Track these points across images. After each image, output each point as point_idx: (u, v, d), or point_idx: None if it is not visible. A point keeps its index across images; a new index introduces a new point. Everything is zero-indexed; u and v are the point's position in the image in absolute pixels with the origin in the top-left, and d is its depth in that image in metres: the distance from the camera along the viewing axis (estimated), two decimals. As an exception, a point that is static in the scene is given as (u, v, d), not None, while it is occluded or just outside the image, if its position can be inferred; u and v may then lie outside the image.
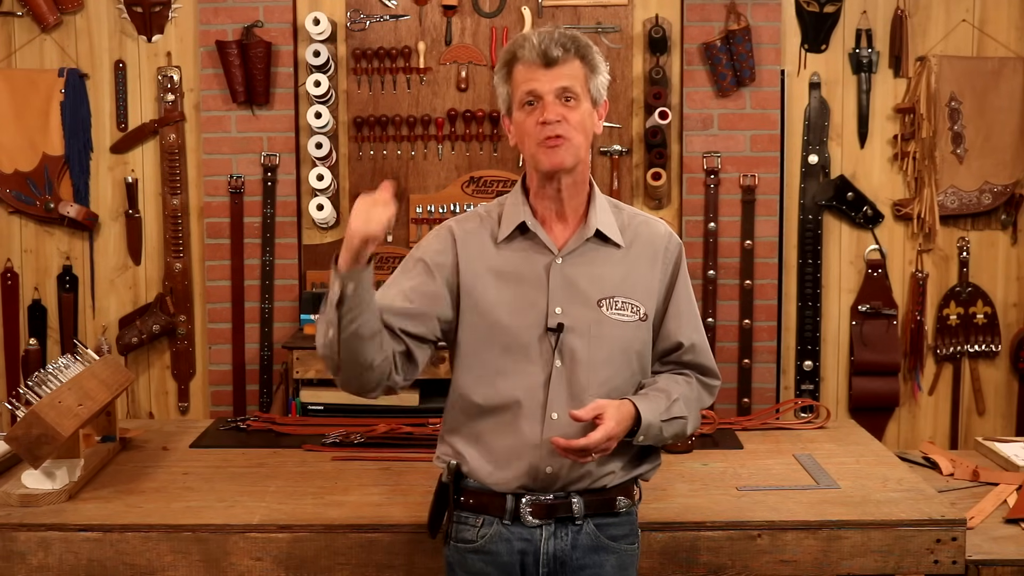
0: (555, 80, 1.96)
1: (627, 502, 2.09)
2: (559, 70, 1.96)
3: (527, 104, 1.98)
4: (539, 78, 1.96)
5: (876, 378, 4.53)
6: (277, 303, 4.50)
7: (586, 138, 2.01)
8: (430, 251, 2.09)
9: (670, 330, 2.11)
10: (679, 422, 2.06)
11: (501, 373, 2.02)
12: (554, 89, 1.96)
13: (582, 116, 1.99)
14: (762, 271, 4.45)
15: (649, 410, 2.00)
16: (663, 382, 2.10)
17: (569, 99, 1.97)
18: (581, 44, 2.01)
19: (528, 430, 2.01)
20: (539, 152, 1.98)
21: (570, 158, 1.99)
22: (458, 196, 4.48)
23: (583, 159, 2.03)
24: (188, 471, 2.77)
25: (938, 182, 4.43)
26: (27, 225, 4.59)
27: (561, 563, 2.04)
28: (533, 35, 1.98)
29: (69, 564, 2.36)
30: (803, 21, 4.45)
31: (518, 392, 2.01)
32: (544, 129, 1.96)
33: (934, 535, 2.38)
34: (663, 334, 2.11)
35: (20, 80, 4.47)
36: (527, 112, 1.98)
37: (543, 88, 1.96)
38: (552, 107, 1.96)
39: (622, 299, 2.04)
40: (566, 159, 1.98)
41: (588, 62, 2.01)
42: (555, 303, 2.02)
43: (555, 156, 1.97)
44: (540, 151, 1.98)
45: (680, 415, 2.05)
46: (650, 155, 4.41)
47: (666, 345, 2.12)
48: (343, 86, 4.50)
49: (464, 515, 2.07)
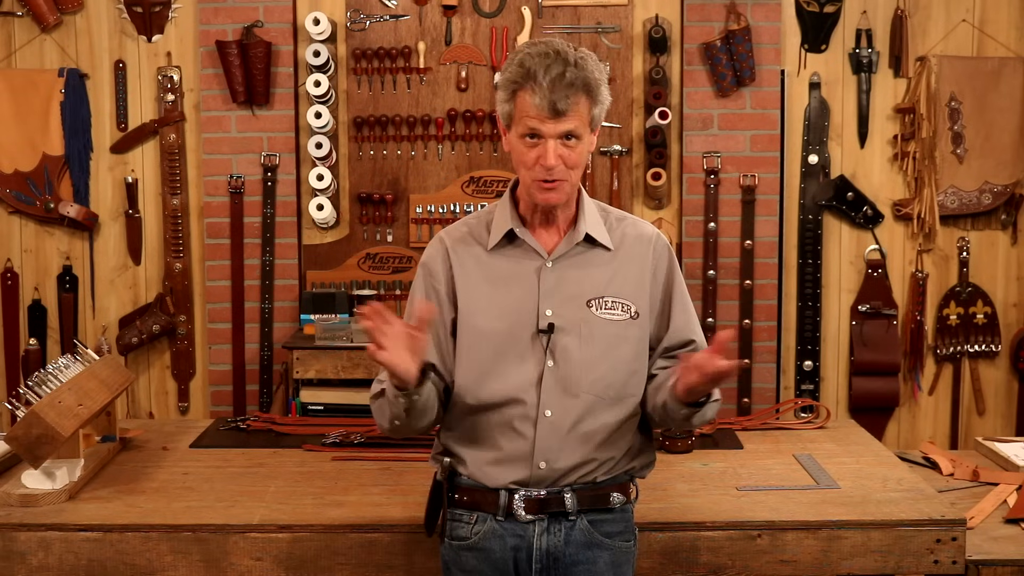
0: (559, 127, 1.97)
1: (621, 498, 2.10)
2: (566, 118, 1.96)
3: (528, 137, 1.99)
4: (544, 122, 1.96)
5: (876, 378, 4.53)
6: (277, 303, 4.50)
7: (581, 169, 2.04)
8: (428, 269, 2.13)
9: (679, 327, 2.14)
10: (716, 406, 2.10)
11: (493, 373, 2.04)
12: (558, 133, 1.97)
13: (581, 152, 2.01)
14: (762, 271, 4.45)
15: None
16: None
17: (571, 138, 1.98)
18: (589, 81, 1.98)
19: (522, 428, 2.03)
20: (534, 188, 2.02)
21: (563, 197, 2.03)
22: (458, 196, 4.48)
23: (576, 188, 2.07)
24: (188, 471, 2.77)
25: (938, 182, 4.44)
26: (27, 225, 4.59)
27: (554, 559, 2.05)
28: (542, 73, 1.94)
29: (69, 564, 2.36)
30: (803, 21, 4.45)
31: (511, 391, 2.03)
32: (543, 172, 1.99)
33: (934, 535, 2.38)
34: (672, 331, 2.13)
35: (20, 80, 4.47)
36: (527, 144, 1.99)
37: (547, 132, 1.97)
38: (553, 151, 1.97)
39: (612, 299, 2.07)
40: (559, 199, 2.03)
41: (593, 96, 1.99)
42: (545, 305, 2.04)
43: (550, 196, 2.01)
44: (535, 187, 2.01)
45: (717, 398, 2.09)
46: (650, 155, 4.41)
47: (675, 342, 2.14)
48: (343, 86, 4.50)
49: (458, 512, 2.09)
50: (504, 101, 2.02)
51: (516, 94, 1.99)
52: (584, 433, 2.04)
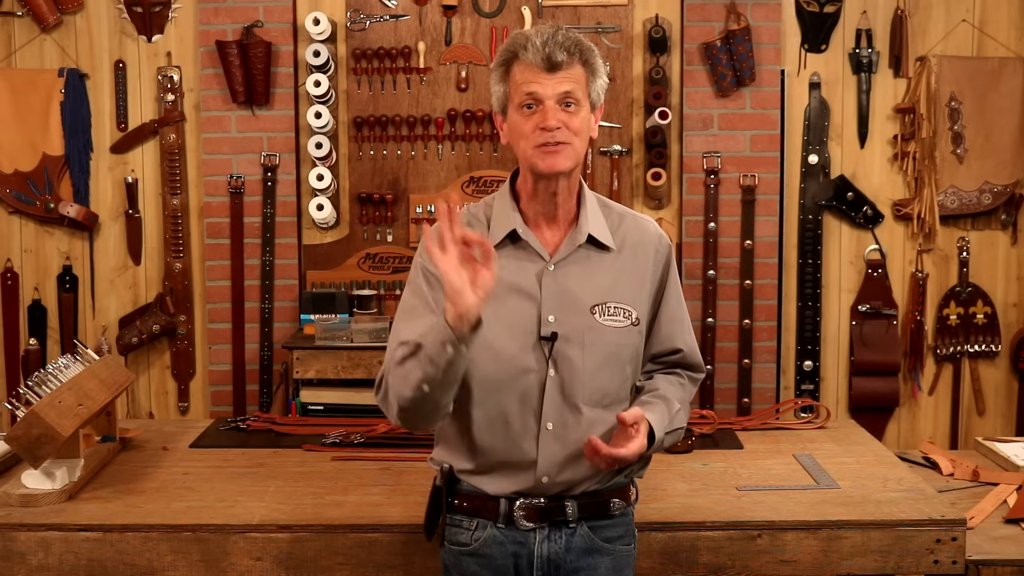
0: (558, 85, 1.93)
1: (621, 503, 2.08)
2: (562, 74, 1.93)
3: (526, 107, 1.95)
4: (541, 82, 1.93)
5: (876, 378, 4.53)
6: (277, 303, 4.50)
7: (584, 142, 1.99)
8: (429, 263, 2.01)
9: (667, 335, 2.11)
10: (678, 432, 2.09)
11: (495, 382, 1.99)
12: (556, 94, 1.93)
13: (582, 121, 1.96)
14: (762, 271, 4.45)
15: (658, 425, 2.01)
16: (662, 387, 2.10)
17: (570, 104, 1.94)
18: (584, 48, 1.97)
19: (523, 440, 1.99)
20: (536, 156, 1.95)
21: (569, 162, 1.97)
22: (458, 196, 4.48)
23: (579, 162, 2.02)
24: (188, 471, 2.77)
25: (938, 182, 4.44)
26: (27, 225, 4.59)
27: (555, 566, 2.03)
28: (535, 35, 1.94)
29: (69, 564, 2.36)
30: (803, 21, 4.45)
31: (512, 402, 1.99)
32: (544, 135, 1.94)
33: (934, 535, 2.37)
34: (659, 338, 2.10)
35: (20, 80, 4.47)
36: (525, 115, 1.95)
37: (545, 92, 1.93)
38: (553, 113, 1.93)
39: (614, 304, 2.02)
40: (564, 163, 1.96)
41: (590, 66, 1.97)
42: (548, 311, 1.99)
43: (553, 160, 1.95)
44: (537, 155, 1.95)
45: (680, 425, 2.08)
46: (650, 155, 4.41)
47: (662, 349, 2.12)
48: (343, 86, 4.50)
49: (458, 518, 2.06)
50: (497, 82, 1.99)
51: (508, 70, 1.97)
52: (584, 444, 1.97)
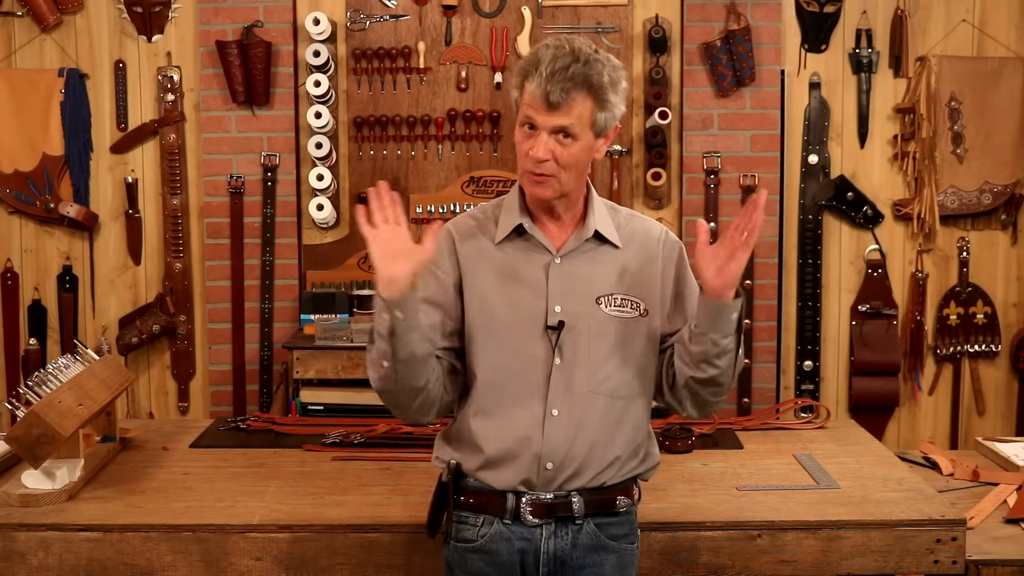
0: (553, 120, 1.95)
1: (627, 501, 2.10)
2: (561, 112, 1.94)
3: (527, 126, 1.98)
4: (540, 112, 1.95)
5: (876, 378, 4.53)
6: (277, 303, 4.50)
7: (576, 171, 2.00)
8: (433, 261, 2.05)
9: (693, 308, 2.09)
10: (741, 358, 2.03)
11: (501, 371, 2.03)
12: (551, 126, 1.95)
13: (575, 153, 1.98)
14: (762, 271, 4.45)
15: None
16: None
17: (567, 136, 1.96)
18: (595, 82, 1.95)
19: (529, 428, 2.01)
20: (525, 179, 2.02)
21: (551, 193, 2.00)
22: (458, 196, 4.48)
23: (570, 189, 2.03)
24: (188, 471, 2.77)
25: (938, 182, 4.44)
26: (27, 225, 4.59)
27: (561, 562, 2.05)
28: (547, 63, 1.93)
29: (69, 564, 2.36)
30: (803, 21, 4.45)
31: (518, 390, 2.02)
32: (531, 163, 1.97)
33: (934, 535, 2.38)
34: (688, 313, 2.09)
35: (20, 80, 4.47)
36: (524, 134, 1.99)
37: (540, 123, 1.96)
38: (545, 144, 1.95)
39: (621, 296, 2.06)
40: (547, 193, 2.00)
41: (597, 97, 1.96)
42: (554, 301, 2.03)
43: (538, 190, 2.00)
44: (526, 179, 2.01)
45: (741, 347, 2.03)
46: (650, 155, 4.41)
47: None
48: (343, 86, 4.50)
49: (464, 515, 2.07)
50: (515, 87, 2.02)
51: (523, 82, 1.98)
52: (591, 433, 2.02)
